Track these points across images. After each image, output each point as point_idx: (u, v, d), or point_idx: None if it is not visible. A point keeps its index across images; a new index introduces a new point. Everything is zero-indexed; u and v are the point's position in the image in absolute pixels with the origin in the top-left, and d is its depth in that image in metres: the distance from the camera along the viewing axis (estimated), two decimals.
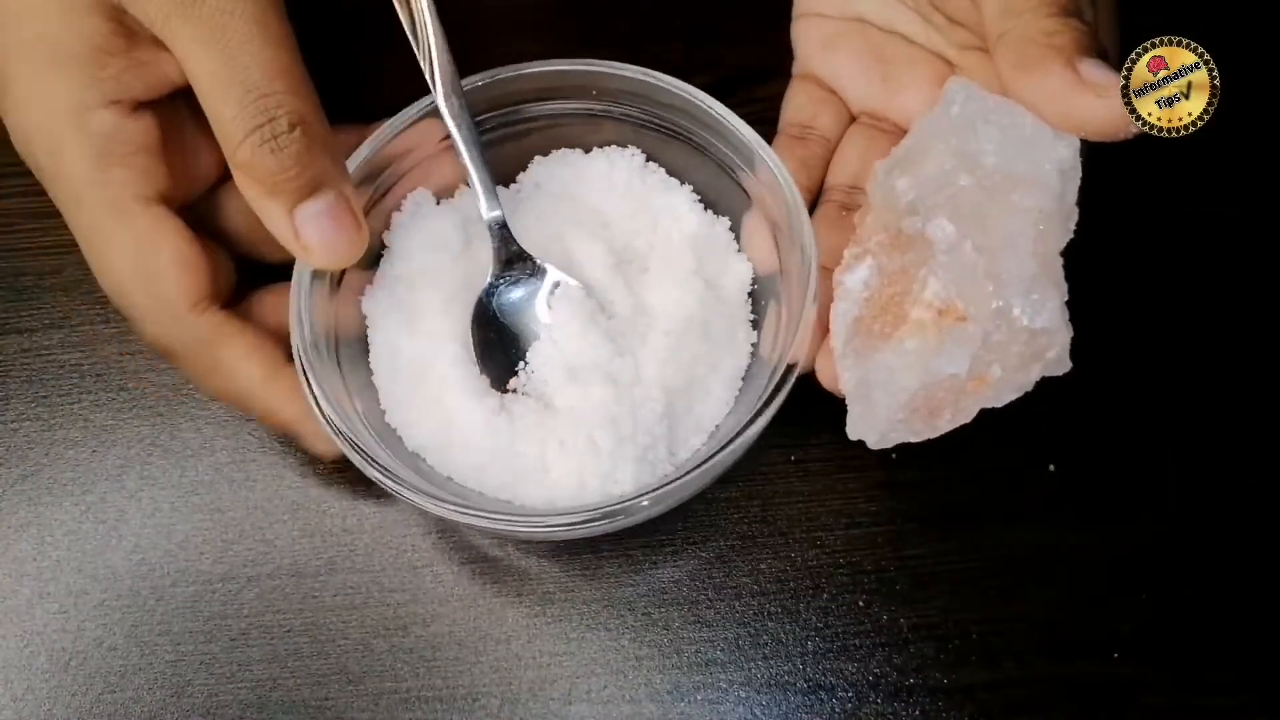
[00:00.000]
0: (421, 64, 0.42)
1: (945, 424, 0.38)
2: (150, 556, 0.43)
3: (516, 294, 0.43)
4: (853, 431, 0.39)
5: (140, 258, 0.39)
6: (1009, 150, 0.37)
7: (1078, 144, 0.36)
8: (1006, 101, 0.37)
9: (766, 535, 0.43)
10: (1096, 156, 0.43)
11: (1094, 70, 0.35)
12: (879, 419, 0.38)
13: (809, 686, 0.40)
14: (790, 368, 0.38)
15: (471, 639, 0.42)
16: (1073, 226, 0.37)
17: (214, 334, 0.39)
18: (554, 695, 0.41)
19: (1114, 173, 0.47)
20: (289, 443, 0.45)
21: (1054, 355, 0.36)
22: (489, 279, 0.43)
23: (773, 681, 0.41)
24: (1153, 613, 0.41)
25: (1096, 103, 0.35)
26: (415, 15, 0.42)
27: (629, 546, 0.43)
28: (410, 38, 0.42)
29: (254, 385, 0.40)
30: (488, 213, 0.43)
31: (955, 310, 0.36)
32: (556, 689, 0.41)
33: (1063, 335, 0.36)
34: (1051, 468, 0.43)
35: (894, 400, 0.37)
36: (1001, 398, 0.37)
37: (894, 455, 0.43)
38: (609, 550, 0.43)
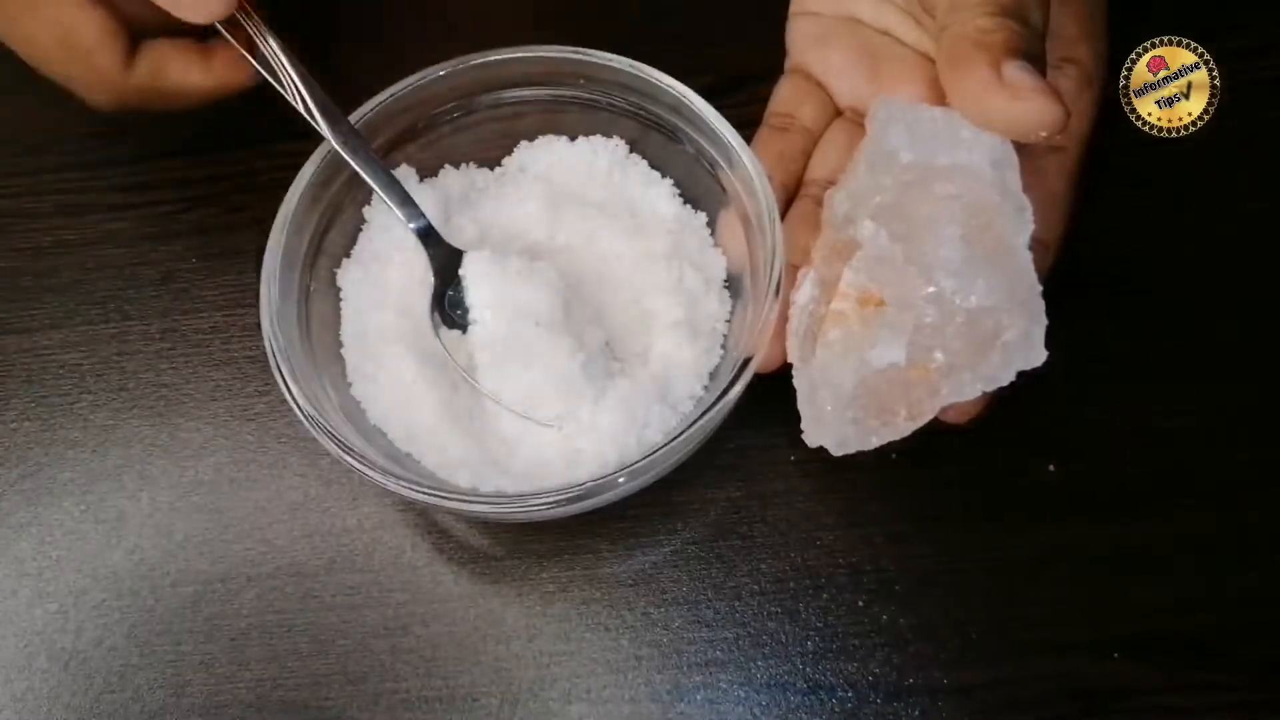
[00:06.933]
0: (296, 105, 0.42)
1: (904, 423, 0.37)
2: (150, 556, 0.43)
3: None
4: (810, 438, 0.39)
5: (70, 39, 0.42)
6: (922, 145, 0.37)
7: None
8: (924, 105, 0.38)
9: (766, 535, 0.43)
10: (1097, 156, 0.43)
11: (1016, 72, 0.35)
12: (829, 420, 0.38)
13: (809, 686, 0.40)
14: (747, 361, 0.39)
15: (471, 639, 0.42)
16: (1030, 218, 0.37)
17: (150, 77, 0.43)
18: (554, 695, 0.41)
19: (1116, 173, 0.47)
20: (288, 442, 0.45)
21: (1012, 338, 0.35)
22: (433, 288, 0.43)
23: (773, 681, 0.41)
24: (1153, 612, 0.41)
25: (1011, 104, 0.35)
26: (272, 64, 0.42)
27: (629, 547, 0.43)
28: (275, 85, 0.42)
29: (204, 90, 0.44)
30: (411, 224, 0.43)
31: (872, 297, 0.36)
32: (556, 689, 0.41)
33: (1015, 317, 0.35)
34: (1051, 468, 0.43)
35: (837, 398, 0.37)
36: (964, 390, 0.36)
37: (894, 455, 0.42)
38: (609, 551, 0.43)
